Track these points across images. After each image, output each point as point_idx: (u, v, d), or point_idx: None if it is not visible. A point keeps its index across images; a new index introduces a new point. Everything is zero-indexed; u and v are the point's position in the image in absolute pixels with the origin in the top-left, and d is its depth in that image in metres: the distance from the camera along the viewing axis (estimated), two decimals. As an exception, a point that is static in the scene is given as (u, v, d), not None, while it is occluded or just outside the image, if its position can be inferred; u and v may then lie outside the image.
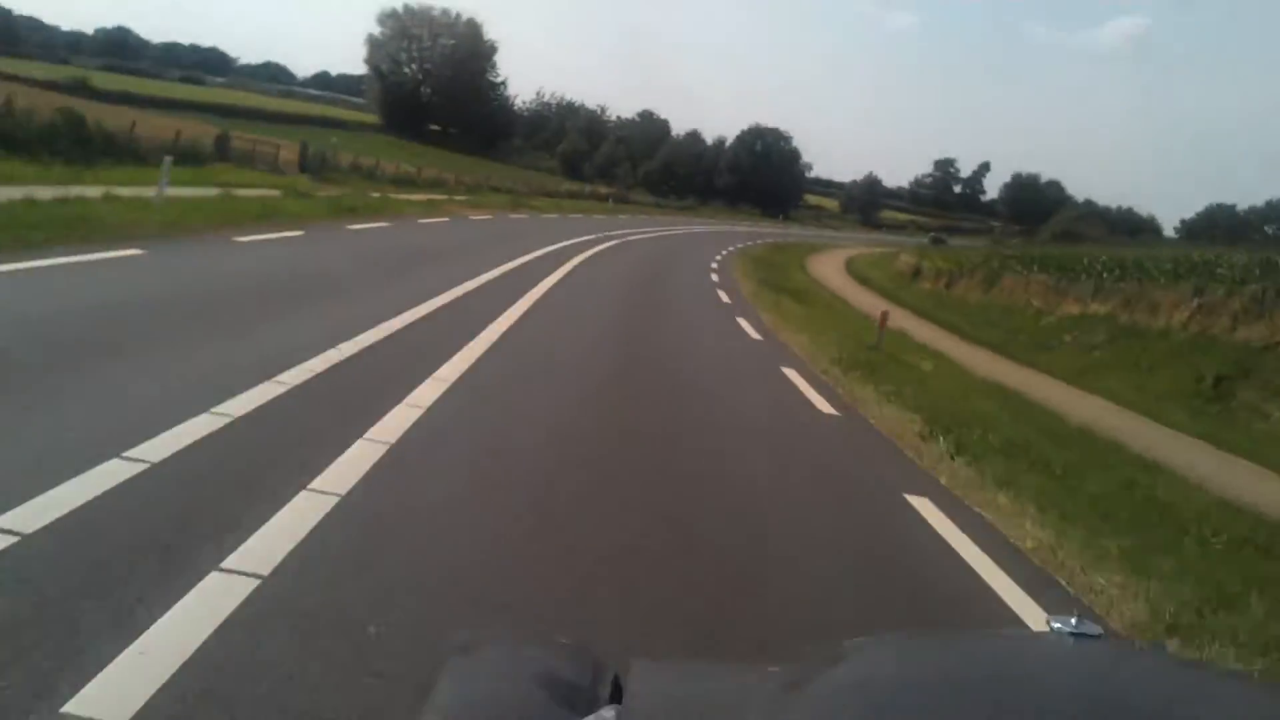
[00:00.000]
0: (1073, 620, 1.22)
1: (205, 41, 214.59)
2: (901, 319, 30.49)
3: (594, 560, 4.69)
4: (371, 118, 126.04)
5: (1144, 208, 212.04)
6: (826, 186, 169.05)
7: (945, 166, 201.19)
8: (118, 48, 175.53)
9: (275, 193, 25.62)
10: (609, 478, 6.24)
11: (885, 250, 75.94)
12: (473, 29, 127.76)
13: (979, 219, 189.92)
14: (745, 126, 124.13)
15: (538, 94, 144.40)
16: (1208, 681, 1.35)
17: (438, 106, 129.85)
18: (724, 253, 40.56)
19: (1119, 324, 26.82)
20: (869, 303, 32.58)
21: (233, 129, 48.58)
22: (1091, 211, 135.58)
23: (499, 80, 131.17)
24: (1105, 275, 31.04)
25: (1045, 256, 37.52)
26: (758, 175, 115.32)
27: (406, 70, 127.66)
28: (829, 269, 48.40)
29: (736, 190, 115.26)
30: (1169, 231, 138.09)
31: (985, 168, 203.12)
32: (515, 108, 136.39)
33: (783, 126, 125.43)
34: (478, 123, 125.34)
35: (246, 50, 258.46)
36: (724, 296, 21.94)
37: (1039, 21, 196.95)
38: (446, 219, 30.07)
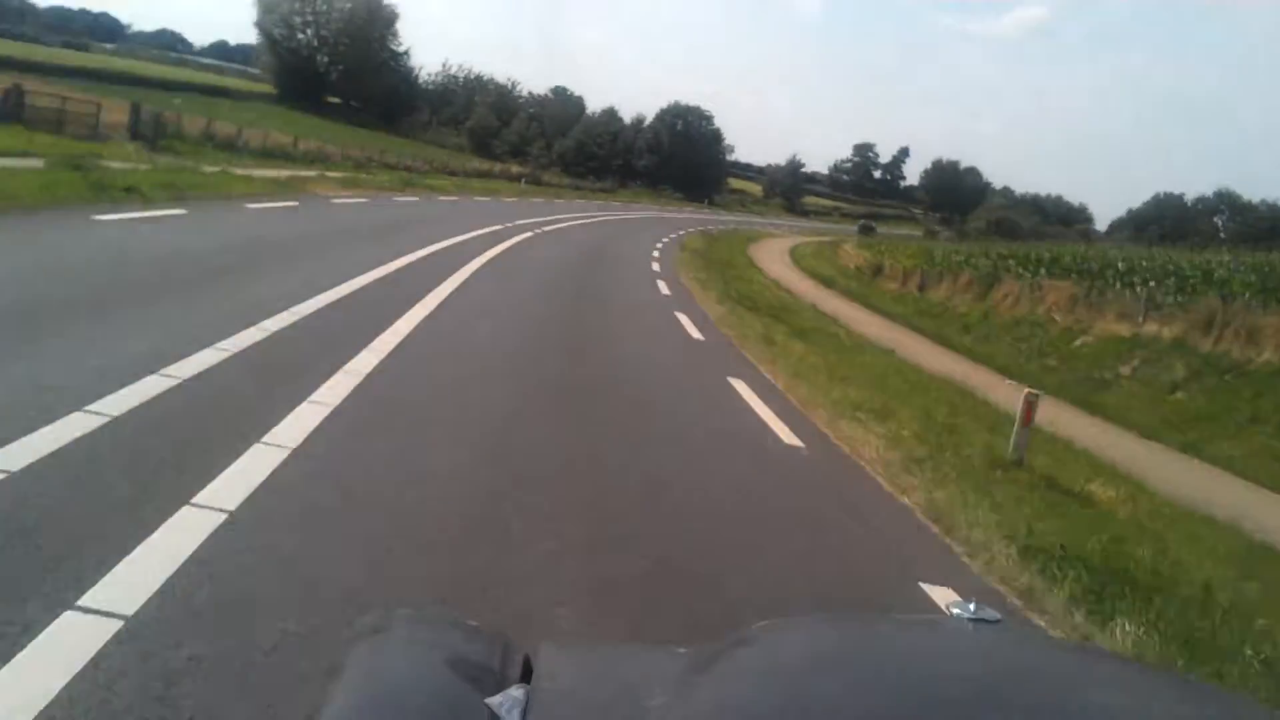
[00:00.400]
0: (971, 606, 1.24)
1: (96, 7, 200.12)
2: (897, 337, 23.49)
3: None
4: (266, 87, 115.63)
5: (1065, 197, 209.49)
6: (745, 170, 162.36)
7: (864, 151, 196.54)
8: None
9: (35, 163, 17.41)
10: None
11: (821, 240, 69.59)
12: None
13: (899, 205, 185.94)
14: (664, 105, 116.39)
15: (444, 66, 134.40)
16: (1100, 665, 1.38)
17: (336, 76, 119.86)
18: (660, 245, 33.23)
19: (1200, 355, 19.96)
20: (860, 320, 25.53)
21: (106, 95, 39.99)
22: (1022, 200, 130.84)
23: (401, 50, 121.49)
24: (1150, 284, 24.24)
25: (1056, 258, 30.63)
26: (679, 156, 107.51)
27: (301, 36, 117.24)
28: (778, 265, 41.28)
29: (657, 172, 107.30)
30: (1100, 223, 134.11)
31: (904, 153, 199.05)
32: (420, 80, 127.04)
33: (703, 106, 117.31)
34: (379, 95, 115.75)
35: (141, 17, 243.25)
36: (690, 326, 14.41)
37: (943, 11, 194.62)
38: (295, 203, 21.89)
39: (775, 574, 5.07)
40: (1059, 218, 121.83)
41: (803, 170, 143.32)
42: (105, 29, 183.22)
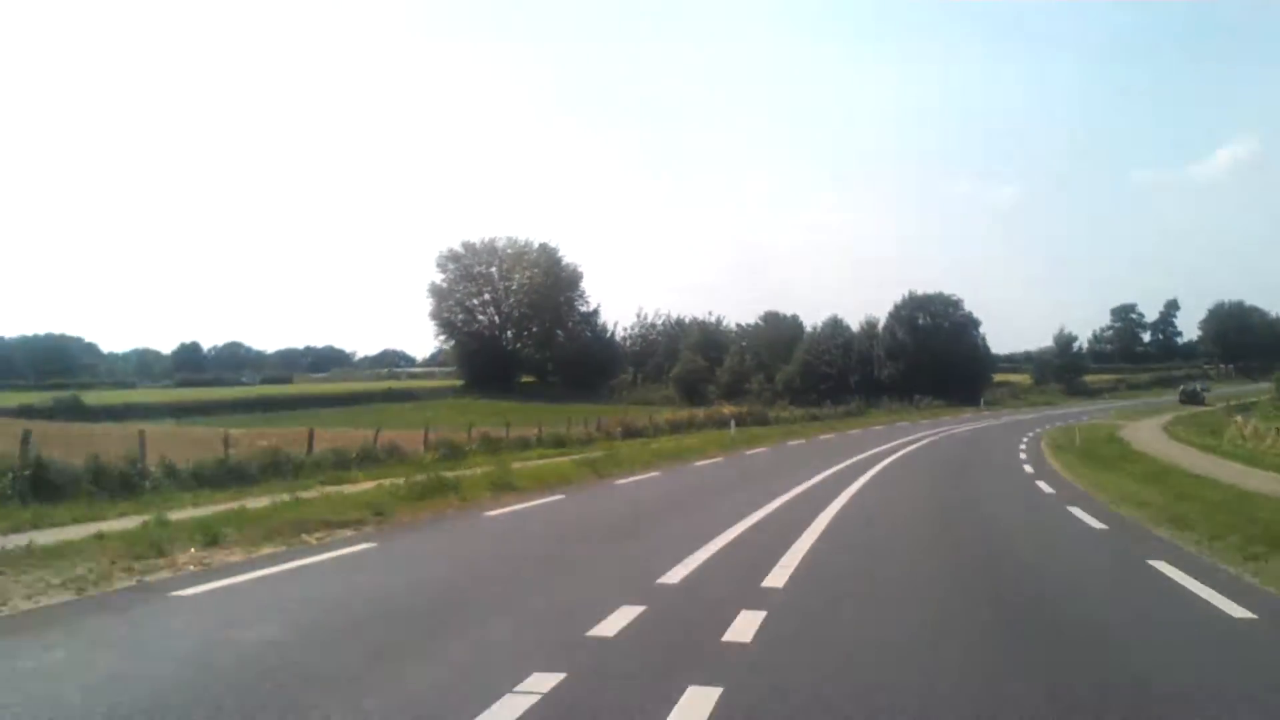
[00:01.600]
0: None
1: (321, 343, 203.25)
2: None
3: None
4: (457, 381, 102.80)
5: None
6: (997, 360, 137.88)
7: (1125, 314, 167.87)
8: (226, 361, 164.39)
9: None
10: None
11: (1168, 419, 46.38)
12: (549, 256, 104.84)
13: (1186, 364, 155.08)
14: (898, 299, 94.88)
15: (639, 315, 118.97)
16: None
17: (526, 352, 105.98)
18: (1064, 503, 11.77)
19: None
20: None
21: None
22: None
23: (590, 309, 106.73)
24: None
25: None
26: (928, 355, 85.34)
27: (481, 317, 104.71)
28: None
29: (905, 379, 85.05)
30: None
31: (1174, 306, 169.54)
32: (616, 336, 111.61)
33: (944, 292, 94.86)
34: (574, 362, 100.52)
35: (366, 344, 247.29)
36: None
37: (1139, 168, 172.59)
38: None
39: None
40: None
41: (1073, 347, 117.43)
42: (332, 360, 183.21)
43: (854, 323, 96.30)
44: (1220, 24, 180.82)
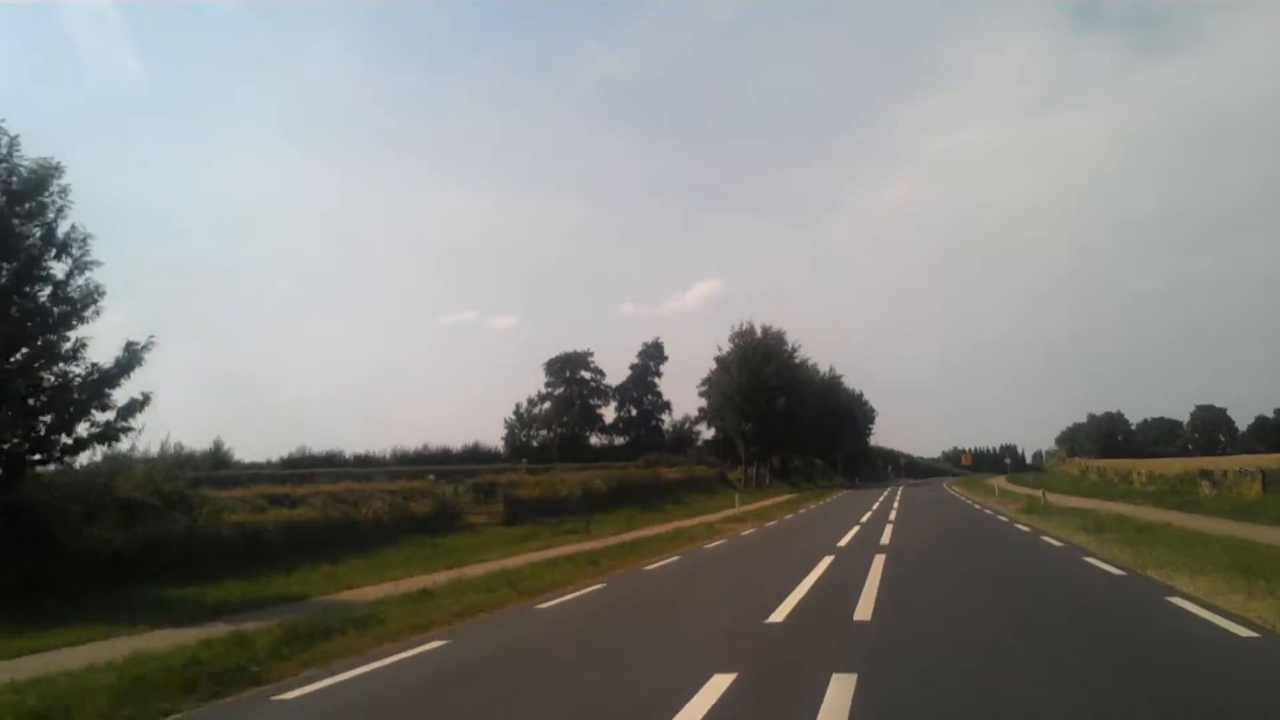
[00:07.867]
0: None
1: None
2: None
3: None
4: None
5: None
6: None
7: (564, 369, 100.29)
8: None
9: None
10: None
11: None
12: None
13: (688, 460, 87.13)
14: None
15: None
16: None
17: None
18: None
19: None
20: None
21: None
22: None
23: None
24: None
25: None
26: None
27: None
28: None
29: None
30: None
31: (657, 351, 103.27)
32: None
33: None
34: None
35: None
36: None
37: (629, 304, 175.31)
38: None
39: None
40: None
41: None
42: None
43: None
44: (693, 181, 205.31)
